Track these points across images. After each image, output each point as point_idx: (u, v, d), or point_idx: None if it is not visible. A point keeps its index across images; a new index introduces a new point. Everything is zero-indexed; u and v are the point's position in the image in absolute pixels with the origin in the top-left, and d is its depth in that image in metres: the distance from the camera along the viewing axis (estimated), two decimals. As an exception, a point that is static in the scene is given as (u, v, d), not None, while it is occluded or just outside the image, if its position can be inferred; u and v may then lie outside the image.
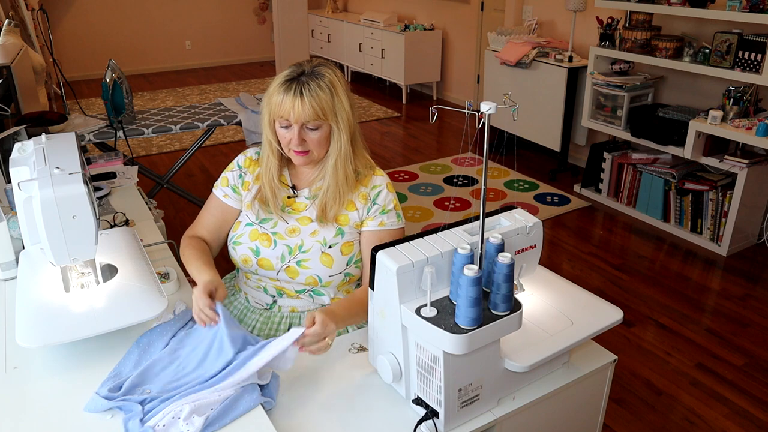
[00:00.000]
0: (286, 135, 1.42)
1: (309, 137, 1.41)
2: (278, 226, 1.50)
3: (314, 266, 1.47)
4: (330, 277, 1.48)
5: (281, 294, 1.53)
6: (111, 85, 3.04)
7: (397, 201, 1.53)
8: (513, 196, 4.13)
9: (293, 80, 1.38)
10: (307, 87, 1.36)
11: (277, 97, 1.38)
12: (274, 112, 1.40)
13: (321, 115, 1.38)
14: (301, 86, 1.36)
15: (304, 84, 1.36)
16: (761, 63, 3.06)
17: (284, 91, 1.37)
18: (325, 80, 1.38)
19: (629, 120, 3.79)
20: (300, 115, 1.36)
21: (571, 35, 4.27)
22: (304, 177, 1.54)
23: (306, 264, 1.47)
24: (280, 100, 1.38)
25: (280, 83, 1.39)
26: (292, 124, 1.39)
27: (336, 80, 1.40)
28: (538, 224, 1.26)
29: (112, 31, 7.44)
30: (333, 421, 1.14)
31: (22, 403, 1.15)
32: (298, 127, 1.38)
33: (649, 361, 2.53)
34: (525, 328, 1.18)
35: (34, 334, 1.21)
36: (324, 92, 1.37)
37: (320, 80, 1.38)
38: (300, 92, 1.36)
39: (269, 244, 1.48)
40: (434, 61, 6.29)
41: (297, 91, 1.36)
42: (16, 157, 1.32)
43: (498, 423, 1.16)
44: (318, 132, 1.40)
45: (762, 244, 3.49)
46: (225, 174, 1.58)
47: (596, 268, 3.28)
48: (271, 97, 1.40)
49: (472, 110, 1.00)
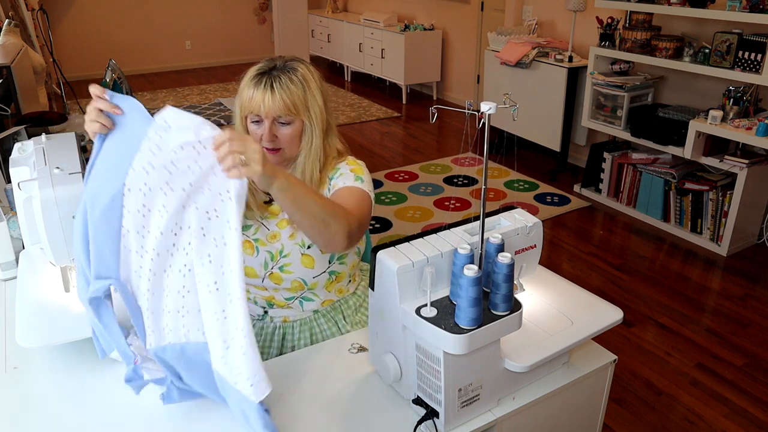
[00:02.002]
0: (257, 131, 1.38)
1: (281, 132, 1.37)
2: (259, 232, 1.46)
3: (297, 269, 1.44)
4: (314, 278, 1.45)
5: (271, 305, 1.50)
6: (111, 85, 3.04)
7: (363, 171, 1.44)
8: (513, 196, 4.13)
9: (264, 74, 1.35)
10: (278, 80, 1.33)
11: (247, 91, 1.35)
12: (245, 106, 1.36)
13: (292, 110, 1.34)
14: (272, 79, 1.34)
15: (276, 77, 1.34)
16: (761, 63, 3.06)
17: (254, 85, 1.34)
18: (297, 74, 1.36)
19: (629, 120, 3.79)
20: (270, 109, 1.33)
21: (571, 35, 4.27)
22: None
23: (288, 269, 1.44)
24: (250, 94, 1.34)
25: (250, 78, 1.36)
26: (263, 118, 1.35)
27: (309, 75, 1.37)
28: (538, 224, 1.26)
29: (112, 31, 7.44)
30: (333, 421, 1.14)
31: (22, 403, 1.15)
32: (269, 121, 1.35)
33: (649, 361, 2.53)
34: (525, 328, 1.18)
35: (34, 334, 1.21)
36: (296, 86, 1.34)
37: (292, 74, 1.35)
38: (270, 85, 1.33)
39: (252, 252, 1.45)
40: (434, 61, 6.29)
41: (267, 84, 1.33)
42: (16, 157, 1.32)
43: (498, 423, 1.16)
44: (290, 128, 1.37)
45: (762, 244, 3.49)
46: None
47: (596, 268, 3.28)
48: (242, 91, 1.37)
49: (472, 110, 1.00)
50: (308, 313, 1.51)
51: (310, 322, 1.51)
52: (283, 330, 1.51)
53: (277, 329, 1.51)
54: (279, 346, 1.50)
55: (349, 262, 1.51)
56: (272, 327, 1.51)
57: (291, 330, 1.51)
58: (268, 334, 1.51)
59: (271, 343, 1.50)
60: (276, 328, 1.51)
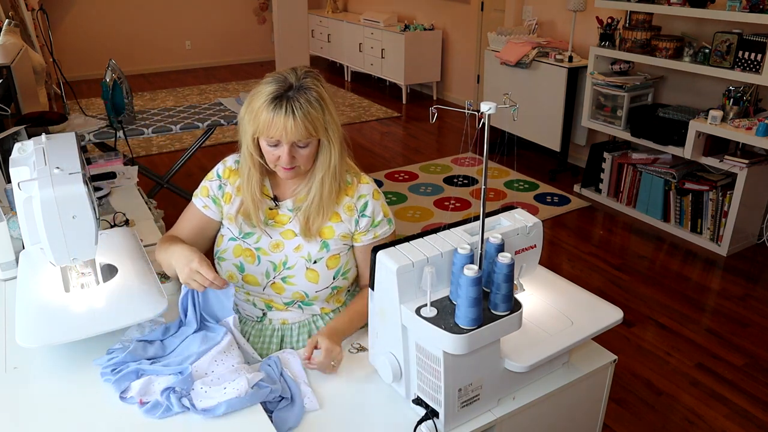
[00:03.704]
0: (274, 152, 1.35)
1: (299, 154, 1.34)
2: (261, 241, 1.45)
3: (300, 282, 1.44)
4: (317, 292, 1.45)
5: (270, 308, 1.50)
6: (111, 85, 3.04)
7: (385, 205, 1.48)
8: (513, 196, 4.13)
9: (281, 97, 1.29)
10: (297, 104, 1.28)
11: (266, 115, 1.29)
12: (262, 130, 1.31)
13: (313, 133, 1.32)
14: (291, 104, 1.28)
15: (294, 101, 1.29)
16: (761, 63, 3.06)
17: (273, 110, 1.28)
18: (313, 94, 1.31)
19: (629, 120, 3.79)
20: (293, 135, 1.30)
21: (571, 35, 4.27)
22: (287, 187, 1.48)
23: (291, 281, 1.44)
24: (269, 119, 1.29)
25: (267, 101, 1.29)
26: (283, 143, 1.32)
27: (323, 91, 1.34)
28: (538, 224, 1.26)
29: (112, 31, 7.44)
30: (333, 421, 1.14)
31: (22, 403, 1.15)
32: (289, 146, 1.32)
33: (649, 361, 2.53)
34: (525, 328, 1.18)
35: (34, 334, 1.21)
36: (314, 109, 1.30)
37: (309, 94, 1.30)
38: (291, 111, 1.28)
39: (253, 261, 1.44)
40: (434, 61, 6.29)
41: (288, 110, 1.28)
42: (16, 157, 1.31)
43: (498, 423, 1.16)
44: (308, 148, 1.35)
45: (762, 244, 3.49)
46: (205, 183, 1.51)
47: (596, 268, 3.27)
48: (258, 114, 1.30)
49: (472, 110, 1.00)
50: (308, 316, 1.51)
51: (309, 324, 1.51)
52: (281, 332, 1.51)
53: (276, 331, 1.51)
54: (278, 347, 1.50)
55: (351, 277, 1.51)
56: (271, 329, 1.51)
57: (290, 332, 1.51)
58: (266, 336, 1.51)
59: (269, 344, 1.50)
60: (275, 330, 1.51)
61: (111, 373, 1.19)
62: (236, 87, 7.04)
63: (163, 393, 1.12)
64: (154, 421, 1.10)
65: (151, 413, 1.11)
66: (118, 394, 1.15)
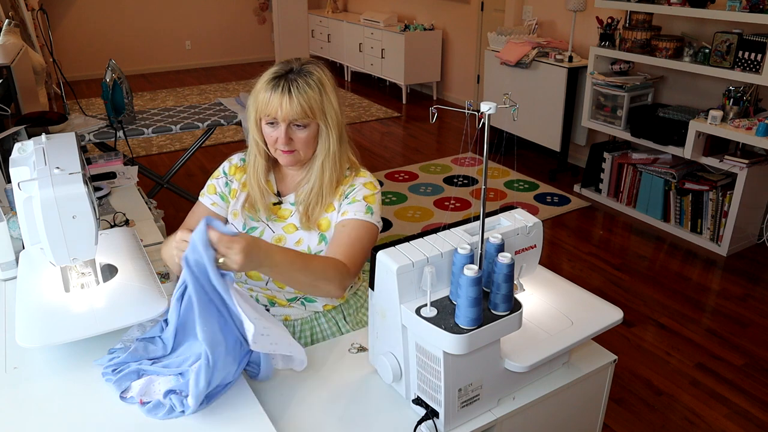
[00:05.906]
0: (272, 134, 1.39)
1: (296, 136, 1.38)
2: (264, 235, 1.47)
3: None
4: None
5: (273, 304, 1.51)
6: (111, 85, 3.04)
7: (374, 198, 1.45)
8: (513, 196, 4.13)
9: (281, 77, 1.36)
10: (295, 84, 1.34)
11: (264, 94, 1.36)
12: (261, 109, 1.37)
13: (309, 113, 1.35)
14: (289, 83, 1.34)
15: (292, 81, 1.34)
16: (761, 63, 3.06)
17: (272, 89, 1.35)
18: (313, 78, 1.36)
19: (629, 120, 3.79)
20: (288, 113, 1.34)
21: (571, 35, 4.27)
22: (290, 181, 1.50)
23: None
24: (267, 97, 1.35)
25: (267, 80, 1.36)
26: (279, 122, 1.36)
27: (325, 78, 1.38)
28: (538, 224, 1.26)
29: (112, 31, 7.44)
30: (333, 421, 1.14)
31: (22, 403, 1.15)
32: (285, 125, 1.36)
33: (649, 361, 2.53)
34: (525, 328, 1.18)
35: (34, 334, 1.21)
36: (312, 90, 1.35)
37: (309, 78, 1.36)
38: (288, 89, 1.34)
39: None
40: (434, 61, 6.29)
41: (285, 88, 1.34)
42: (16, 157, 1.31)
43: (498, 423, 1.16)
44: (306, 131, 1.38)
45: (762, 244, 3.49)
46: (211, 182, 1.55)
47: (596, 268, 3.28)
48: (258, 94, 1.37)
49: (472, 110, 1.00)
50: (309, 312, 1.52)
51: (311, 322, 1.52)
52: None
53: None
54: None
55: None
56: None
57: (292, 329, 1.52)
58: None
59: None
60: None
61: (112, 373, 1.19)
62: (236, 87, 7.04)
63: (166, 395, 1.12)
64: (155, 421, 1.10)
65: (153, 413, 1.11)
66: (119, 394, 1.16)
